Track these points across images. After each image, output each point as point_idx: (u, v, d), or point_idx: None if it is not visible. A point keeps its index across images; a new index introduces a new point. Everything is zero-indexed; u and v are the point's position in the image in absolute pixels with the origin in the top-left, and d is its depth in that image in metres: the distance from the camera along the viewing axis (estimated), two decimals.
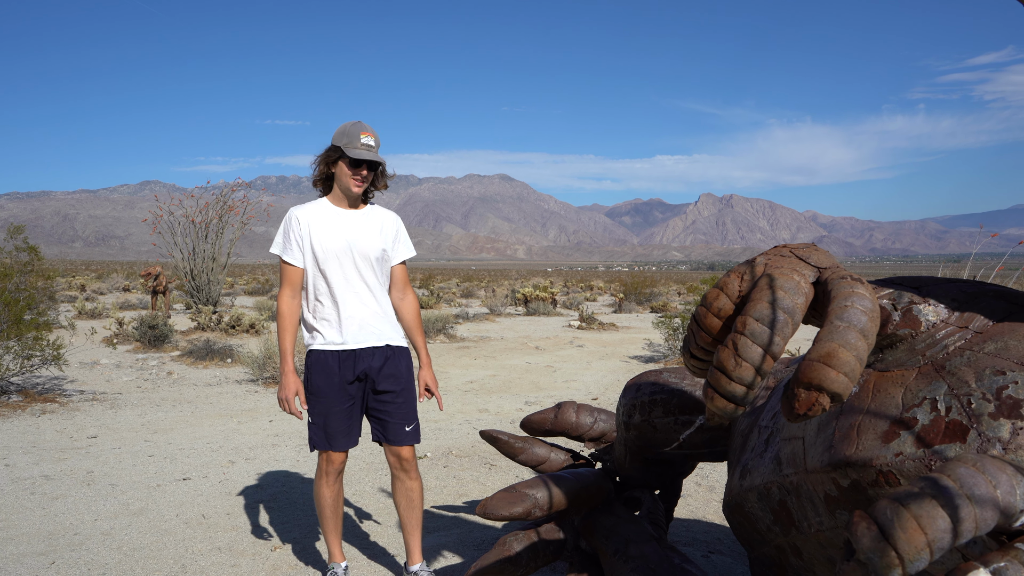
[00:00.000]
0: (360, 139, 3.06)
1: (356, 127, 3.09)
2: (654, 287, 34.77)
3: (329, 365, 3.10)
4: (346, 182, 3.10)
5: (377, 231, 3.19)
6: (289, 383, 3.07)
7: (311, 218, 3.13)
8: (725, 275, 1.71)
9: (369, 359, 3.14)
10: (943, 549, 1.13)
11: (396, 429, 3.18)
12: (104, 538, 3.91)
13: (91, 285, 32.59)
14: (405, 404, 3.21)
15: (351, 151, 3.04)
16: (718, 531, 4.17)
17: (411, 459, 3.23)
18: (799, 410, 1.42)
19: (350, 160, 3.07)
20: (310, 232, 3.10)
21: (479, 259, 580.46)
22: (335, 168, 3.11)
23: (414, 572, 3.31)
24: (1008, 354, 1.62)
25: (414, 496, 3.26)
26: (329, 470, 3.18)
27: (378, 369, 3.14)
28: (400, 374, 3.21)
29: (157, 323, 11.93)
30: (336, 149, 3.08)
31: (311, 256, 3.10)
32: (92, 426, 6.66)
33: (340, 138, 3.08)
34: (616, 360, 11.83)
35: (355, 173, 3.09)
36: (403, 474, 3.23)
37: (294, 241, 3.11)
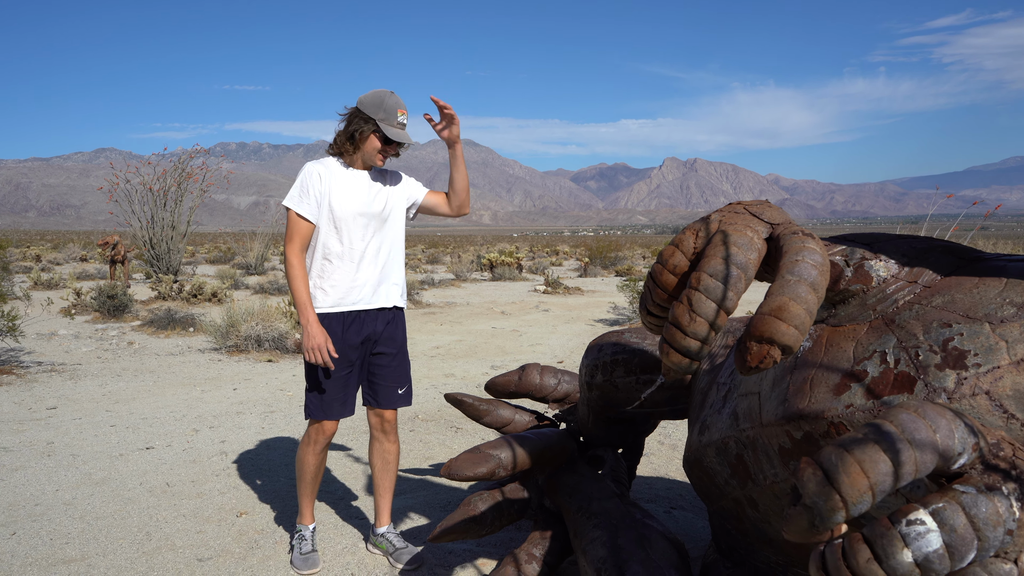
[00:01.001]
0: (397, 116, 2.96)
1: (393, 101, 2.96)
2: (619, 251, 34.98)
3: (333, 329, 3.03)
4: (372, 155, 3.01)
5: (391, 190, 3.14)
6: (316, 331, 2.91)
7: (332, 176, 3.02)
8: (680, 232, 1.73)
9: (373, 323, 3.11)
10: (885, 492, 1.17)
11: (388, 392, 3.19)
12: (66, 508, 3.87)
13: (46, 255, 31.85)
14: (399, 367, 3.21)
15: (389, 129, 2.95)
16: (680, 488, 4.26)
17: (393, 421, 3.25)
18: (751, 363, 1.45)
19: (384, 137, 2.98)
20: (330, 190, 3.00)
21: (444, 225, 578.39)
22: (361, 137, 2.98)
23: (381, 534, 3.34)
24: (954, 307, 1.67)
25: (390, 459, 3.29)
26: (319, 439, 3.15)
27: (380, 332, 3.14)
28: (397, 337, 3.21)
29: (116, 293, 11.72)
30: (370, 122, 2.95)
31: (327, 215, 2.99)
32: (51, 397, 6.55)
33: (376, 110, 2.94)
34: (581, 324, 11.92)
35: (385, 150, 3.02)
36: (383, 436, 3.25)
37: (312, 196, 2.98)
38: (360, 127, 2.96)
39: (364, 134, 2.96)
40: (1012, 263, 1.75)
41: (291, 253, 2.98)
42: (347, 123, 3.01)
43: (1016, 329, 1.56)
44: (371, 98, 2.96)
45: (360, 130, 2.96)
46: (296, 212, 2.98)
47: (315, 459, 3.18)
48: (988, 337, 1.57)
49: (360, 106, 2.97)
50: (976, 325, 1.61)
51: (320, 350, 2.90)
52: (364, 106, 2.96)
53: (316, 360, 2.91)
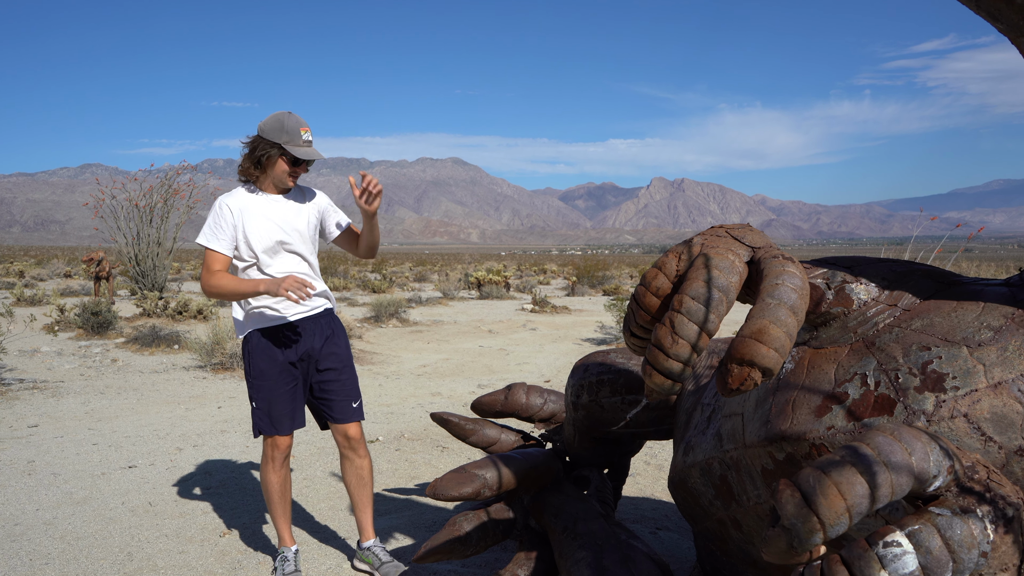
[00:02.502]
0: (301, 135, 3.00)
1: (294, 121, 3.00)
2: (607, 270, 35.07)
3: (269, 346, 3.09)
4: (282, 177, 3.06)
5: (307, 211, 3.18)
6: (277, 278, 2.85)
7: (243, 207, 3.05)
8: (663, 255, 1.75)
9: (311, 339, 3.14)
10: (861, 514, 1.18)
11: (342, 407, 3.21)
12: (46, 528, 3.83)
13: (30, 271, 31.59)
14: (348, 381, 3.24)
15: (295, 149, 2.98)
16: (665, 508, 4.26)
17: (359, 437, 3.27)
18: (732, 385, 1.47)
19: (293, 158, 3.02)
20: (243, 221, 3.03)
21: (432, 243, 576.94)
22: (268, 161, 3.03)
23: (367, 548, 3.34)
24: (933, 330, 1.70)
25: (364, 474, 3.30)
26: (275, 455, 3.18)
27: (319, 349, 3.16)
28: (340, 352, 3.24)
29: (100, 309, 11.64)
30: (275, 146, 2.99)
31: (245, 245, 3.04)
32: (33, 415, 6.49)
33: (279, 134, 2.97)
34: (569, 343, 11.93)
35: (295, 171, 3.07)
36: (352, 453, 3.27)
37: (226, 231, 3.01)
38: (267, 151, 2.99)
39: (272, 158, 3.00)
40: (989, 287, 1.78)
41: (206, 279, 2.96)
42: (251, 150, 3.04)
43: (993, 352, 1.59)
44: (271, 123, 3.00)
45: (267, 154, 3.00)
46: (208, 247, 3.02)
47: (276, 476, 3.20)
48: (966, 360, 1.60)
49: (262, 132, 3.00)
50: (954, 348, 1.63)
51: (294, 281, 2.77)
52: (266, 132, 2.99)
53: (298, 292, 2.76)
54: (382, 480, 4.71)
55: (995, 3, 1.50)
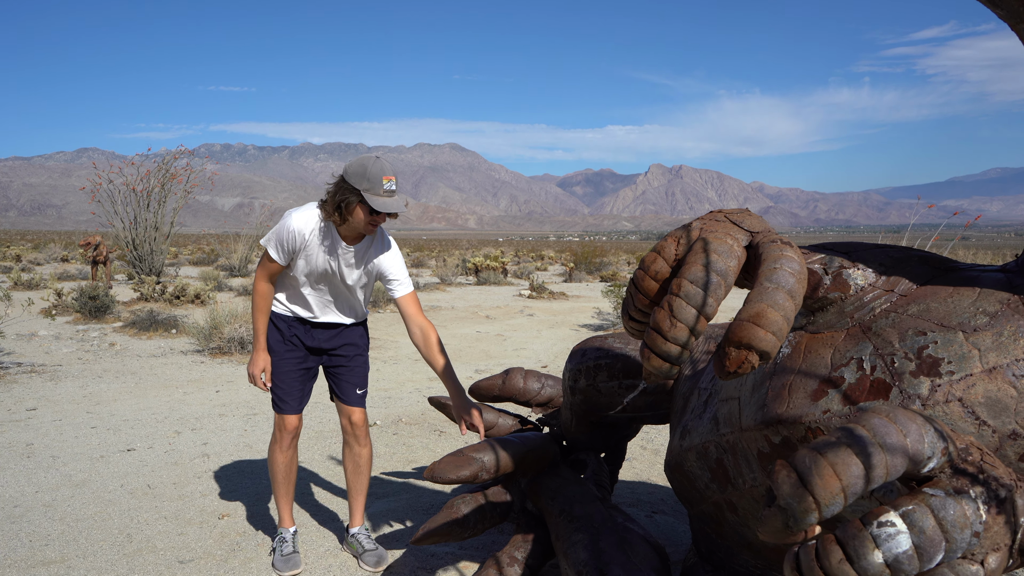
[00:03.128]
0: (383, 184, 2.87)
1: (378, 168, 2.87)
2: (604, 257, 35.08)
3: (278, 326, 3.20)
4: (362, 225, 2.96)
5: (369, 267, 3.16)
6: (258, 360, 3.17)
7: (310, 238, 3.02)
8: (662, 239, 1.76)
9: (322, 337, 3.24)
10: (856, 494, 1.20)
11: (347, 390, 3.30)
12: (46, 509, 3.85)
13: (27, 255, 31.53)
14: (358, 369, 3.31)
15: (374, 200, 2.86)
16: (662, 492, 4.29)
17: (362, 425, 3.32)
18: (729, 368, 1.48)
19: (371, 208, 2.90)
20: (305, 250, 3.04)
21: (429, 229, 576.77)
22: (347, 208, 2.91)
23: (354, 534, 3.39)
24: (929, 315, 1.71)
25: (361, 463, 3.35)
26: (282, 436, 3.26)
27: (327, 340, 3.26)
28: (354, 342, 3.31)
29: (98, 294, 11.63)
30: (355, 192, 2.88)
31: (297, 266, 3.09)
32: (31, 398, 6.50)
33: (360, 180, 2.85)
34: (566, 328, 11.95)
35: (373, 220, 2.95)
36: (353, 440, 3.33)
37: (287, 250, 3.03)
38: (346, 198, 2.90)
39: (351, 206, 2.91)
40: (985, 273, 1.79)
41: (259, 279, 3.14)
42: (334, 193, 2.95)
43: (989, 338, 1.60)
44: (355, 167, 2.91)
45: (346, 201, 2.90)
46: (271, 256, 3.06)
47: (283, 456, 3.28)
48: (962, 345, 1.61)
49: (345, 176, 2.92)
50: (950, 333, 1.64)
51: (254, 376, 3.17)
52: (349, 176, 2.90)
53: (251, 382, 3.20)
54: (380, 464, 4.74)
55: None
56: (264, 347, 3.19)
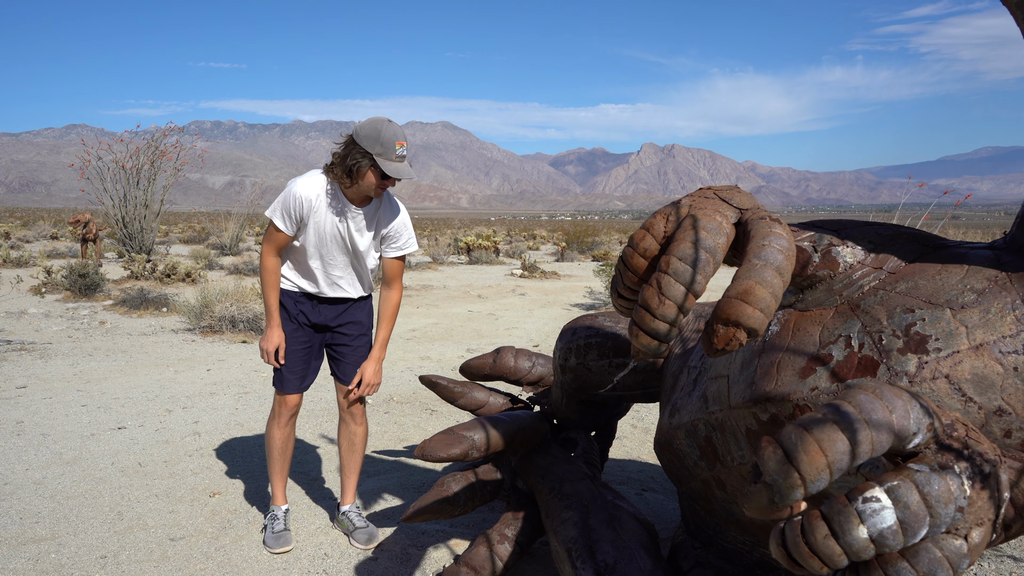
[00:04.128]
0: (396, 149, 2.84)
1: (391, 132, 2.85)
2: (596, 236, 35.06)
3: (286, 305, 3.17)
4: (371, 189, 2.95)
5: (376, 226, 3.14)
6: (273, 335, 3.12)
7: (316, 203, 2.99)
8: (651, 216, 1.75)
9: (330, 311, 3.21)
10: (842, 470, 1.20)
11: (348, 370, 3.27)
12: (36, 487, 3.85)
13: (16, 233, 31.30)
14: (361, 349, 3.28)
15: (386, 165, 2.85)
16: (652, 470, 4.32)
17: (359, 404, 3.32)
18: (717, 345, 1.48)
19: (382, 172, 2.90)
20: (313, 216, 3.00)
21: (422, 208, 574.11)
22: (358, 172, 2.89)
23: (345, 512, 3.41)
24: (917, 293, 1.71)
25: (356, 440, 3.35)
26: (281, 412, 3.26)
27: (335, 318, 3.23)
28: (359, 320, 3.28)
29: (88, 272, 11.57)
30: (367, 156, 2.85)
31: (304, 233, 3.05)
32: (21, 376, 6.48)
33: (373, 144, 2.83)
34: (558, 308, 11.96)
35: (383, 184, 2.94)
36: (349, 417, 3.32)
37: (293, 218, 3.00)
38: (357, 161, 2.86)
39: (362, 169, 2.88)
40: (973, 251, 1.80)
41: (266, 253, 3.10)
42: (344, 155, 2.90)
43: (976, 315, 1.61)
44: (368, 129, 2.86)
45: (358, 164, 2.87)
46: (272, 220, 3.04)
47: (280, 433, 3.27)
48: (949, 323, 1.62)
49: (357, 138, 2.87)
50: (938, 311, 1.65)
51: (268, 353, 3.13)
52: (361, 138, 2.85)
53: (265, 360, 3.15)
54: (372, 442, 4.75)
55: None
56: (278, 323, 3.13)
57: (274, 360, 3.14)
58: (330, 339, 3.28)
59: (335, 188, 3.01)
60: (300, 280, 3.17)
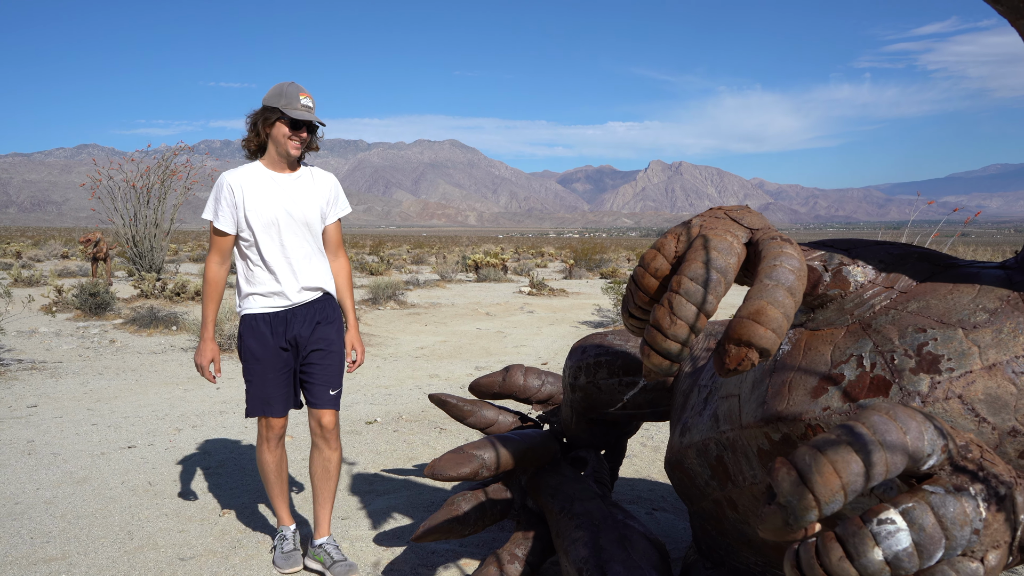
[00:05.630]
0: (299, 100, 2.97)
1: (293, 88, 2.99)
2: (604, 253, 35.07)
3: (261, 330, 3.07)
4: (284, 144, 3.00)
5: (314, 194, 3.13)
6: (206, 349, 3.07)
7: (245, 184, 3.01)
8: (662, 236, 1.76)
9: (299, 327, 3.09)
10: (856, 492, 1.20)
11: (320, 392, 3.12)
12: (47, 507, 3.85)
13: (27, 252, 31.53)
14: (332, 367, 3.15)
15: (291, 111, 2.94)
16: (662, 489, 4.29)
17: (332, 427, 3.16)
18: (729, 365, 1.48)
19: (291, 121, 2.97)
20: (244, 199, 3.00)
21: (430, 225, 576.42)
22: (271, 130, 3.00)
23: (319, 545, 3.20)
24: (929, 312, 1.71)
25: (331, 467, 3.18)
26: (270, 436, 3.16)
27: (307, 336, 3.10)
28: (329, 337, 3.16)
29: (98, 290, 11.63)
30: (273, 110, 2.97)
31: (245, 224, 3.01)
32: (32, 395, 6.51)
33: (277, 99, 2.96)
34: (566, 325, 11.95)
35: (294, 135, 3.00)
36: (323, 442, 3.16)
37: (227, 208, 3.00)
38: (265, 115, 2.98)
39: (269, 122, 2.98)
40: (985, 270, 1.79)
41: (208, 264, 3.10)
42: (253, 120, 3.03)
43: (988, 334, 1.60)
44: (271, 91, 3.01)
45: (265, 119, 2.98)
46: (213, 224, 3.03)
47: (272, 456, 3.18)
48: (961, 342, 1.61)
49: (263, 102, 3.01)
50: (950, 330, 1.64)
51: (202, 368, 3.06)
52: (266, 100, 3.00)
53: (201, 374, 3.08)
54: (380, 461, 4.74)
55: None
56: (212, 337, 3.09)
57: (208, 374, 3.07)
58: (302, 362, 3.15)
59: (259, 166, 3.07)
60: (265, 289, 3.05)
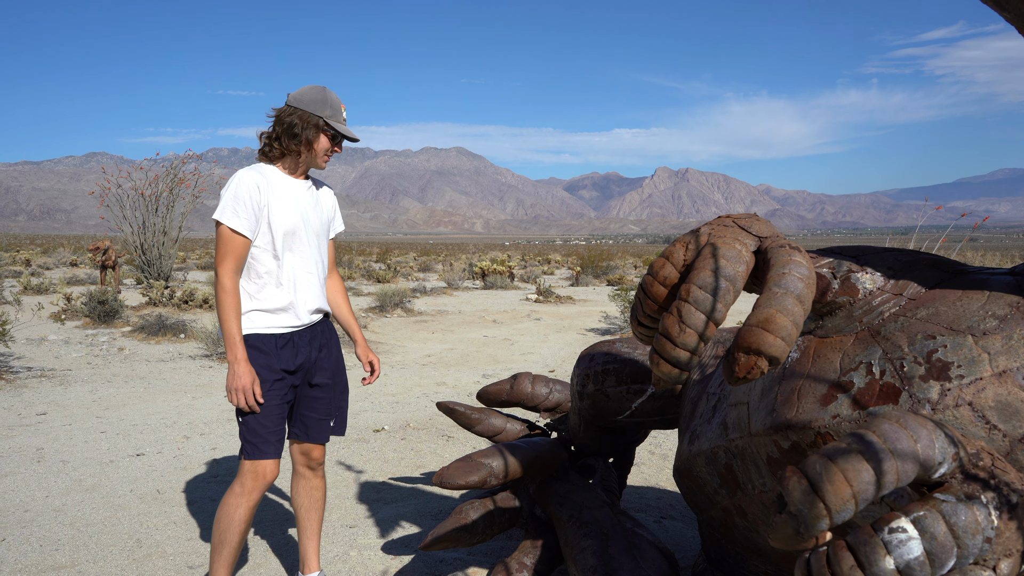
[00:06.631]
0: (343, 112, 2.73)
1: (335, 97, 2.72)
2: (611, 260, 35.05)
3: (266, 350, 2.67)
4: (320, 158, 2.73)
5: (323, 206, 2.90)
6: (244, 371, 2.54)
7: (271, 186, 2.66)
8: (671, 245, 1.76)
9: (308, 349, 2.78)
10: (867, 500, 1.20)
11: (319, 425, 2.86)
12: (56, 514, 3.87)
13: (36, 260, 31.68)
14: (336, 397, 2.91)
15: (339, 127, 2.69)
16: (670, 497, 4.28)
17: (322, 459, 2.93)
18: (739, 373, 1.48)
19: (335, 135, 2.72)
20: (270, 202, 2.64)
21: (436, 233, 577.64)
22: (307, 135, 2.67)
23: None
24: (938, 319, 1.70)
25: (318, 496, 2.94)
26: (256, 485, 2.66)
27: (314, 360, 2.81)
28: (336, 364, 2.92)
29: (107, 298, 11.68)
30: (318, 119, 2.66)
31: (266, 229, 2.65)
32: (41, 403, 6.53)
33: (321, 107, 2.66)
34: (573, 333, 11.94)
35: (331, 150, 2.75)
36: (310, 472, 2.91)
37: (250, 208, 2.59)
38: (306, 127, 2.66)
39: (311, 135, 2.67)
40: (994, 276, 1.79)
41: (224, 274, 2.59)
42: (288, 124, 2.67)
43: (998, 341, 1.60)
44: (312, 94, 2.69)
45: (306, 131, 2.66)
46: (230, 227, 2.58)
47: (248, 513, 2.66)
48: (971, 349, 1.61)
49: (299, 104, 2.67)
50: (959, 337, 1.64)
51: (245, 392, 2.54)
52: (306, 103, 2.67)
53: (239, 403, 2.55)
54: (388, 469, 4.74)
55: None
56: (246, 357, 2.57)
57: (253, 400, 2.56)
58: (303, 395, 2.83)
59: (275, 169, 2.73)
60: (276, 312, 2.70)
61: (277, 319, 2.70)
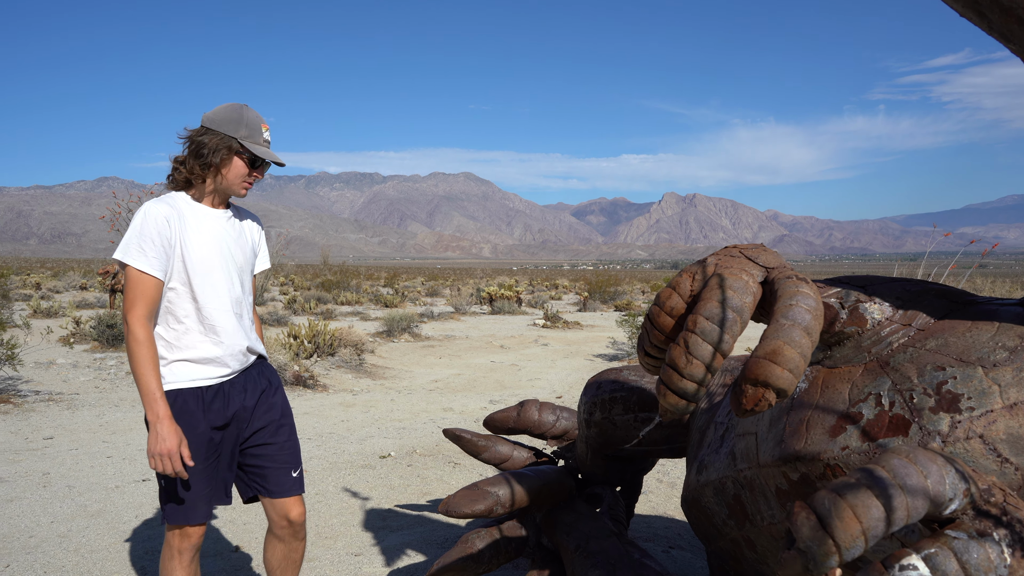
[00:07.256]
0: (263, 133, 2.44)
1: (255, 115, 2.44)
2: (618, 286, 35.02)
3: (190, 409, 2.35)
4: (237, 184, 2.43)
5: (247, 236, 2.59)
6: (167, 432, 2.21)
7: (183, 218, 2.36)
8: (677, 275, 1.76)
9: (242, 396, 2.48)
10: (877, 536, 1.18)
11: (279, 477, 2.56)
12: (61, 540, 3.85)
13: (47, 283, 31.87)
14: (287, 444, 2.59)
15: (256, 148, 2.40)
16: (678, 527, 4.24)
17: (302, 520, 2.63)
18: (747, 405, 1.47)
19: (251, 158, 2.42)
20: (182, 237, 2.34)
21: (444, 258, 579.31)
22: (226, 164, 2.38)
23: None
24: (948, 350, 1.69)
25: (297, 558, 2.66)
26: (185, 547, 2.39)
27: (252, 408, 2.51)
28: (278, 408, 2.60)
29: (116, 322, 11.72)
30: (232, 141, 2.37)
31: (180, 267, 2.34)
32: (48, 427, 6.54)
33: (235, 127, 2.38)
34: (580, 359, 11.91)
35: (250, 175, 2.45)
36: (291, 535, 2.61)
37: (159, 247, 2.28)
38: (218, 149, 2.36)
39: (226, 159, 2.38)
40: (1004, 307, 1.78)
41: (135, 322, 2.25)
42: (198, 146, 2.37)
43: (1009, 373, 1.58)
44: (226, 113, 2.40)
45: (219, 153, 2.37)
46: (136, 268, 2.26)
47: (186, 573, 2.42)
48: (981, 381, 1.60)
49: (212, 124, 2.39)
50: (969, 369, 1.63)
51: (172, 457, 2.21)
52: (219, 123, 2.38)
53: (164, 470, 2.22)
54: (394, 496, 4.72)
55: (1008, 24, 1.50)
56: (170, 414, 2.23)
57: (180, 464, 2.23)
58: (246, 445, 2.53)
59: (187, 198, 2.43)
60: (202, 362, 2.39)
61: (202, 370, 2.39)
